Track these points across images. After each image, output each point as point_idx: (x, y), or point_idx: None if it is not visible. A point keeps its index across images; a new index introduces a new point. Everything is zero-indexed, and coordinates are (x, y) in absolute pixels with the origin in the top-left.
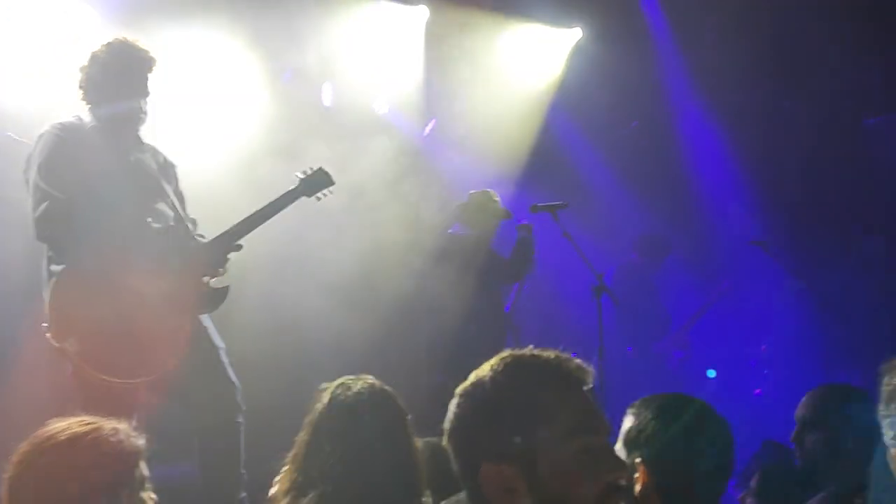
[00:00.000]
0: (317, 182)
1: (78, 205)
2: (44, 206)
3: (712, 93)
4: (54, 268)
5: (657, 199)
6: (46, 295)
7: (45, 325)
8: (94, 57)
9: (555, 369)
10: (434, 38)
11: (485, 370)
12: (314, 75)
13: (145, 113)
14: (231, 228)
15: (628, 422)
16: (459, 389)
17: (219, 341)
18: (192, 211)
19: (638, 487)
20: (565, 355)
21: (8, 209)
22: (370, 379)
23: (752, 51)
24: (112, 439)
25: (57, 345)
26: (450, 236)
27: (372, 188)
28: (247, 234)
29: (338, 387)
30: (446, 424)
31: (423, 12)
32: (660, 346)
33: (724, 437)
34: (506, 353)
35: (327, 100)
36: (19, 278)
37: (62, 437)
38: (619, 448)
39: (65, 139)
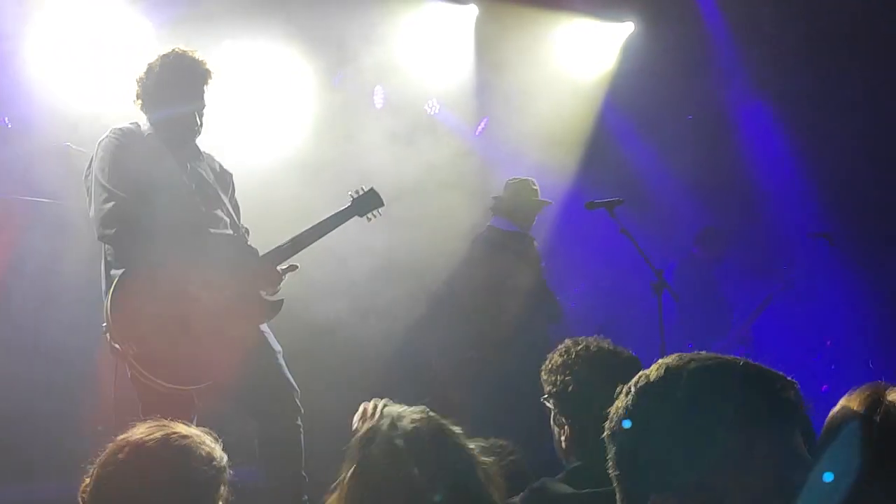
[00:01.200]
0: (368, 202)
1: (139, 208)
2: (108, 205)
3: (769, 82)
4: (114, 272)
5: (715, 192)
6: (106, 299)
7: (104, 326)
8: (150, 68)
9: (766, 387)
10: (484, 37)
11: (678, 366)
12: (365, 78)
13: (201, 124)
14: (284, 245)
15: None
16: (638, 381)
17: (276, 345)
18: (246, 215)
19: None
20: (770, 371)
21: (68, 217)
22: (422, 413)
23: (810, 38)
24: (199, 445)
25: (116, 347)
26: (493, 231)
27: (424, 189)
28: (298, 251)
29: (382, 423)
30: (613, 416)
31: (472, 11)
32: (721, 341)
33: None
34: (710, 357)
35: (378, 102)
36: (81, 284)
37: (151, 442)
38: None
39: (125, 144)
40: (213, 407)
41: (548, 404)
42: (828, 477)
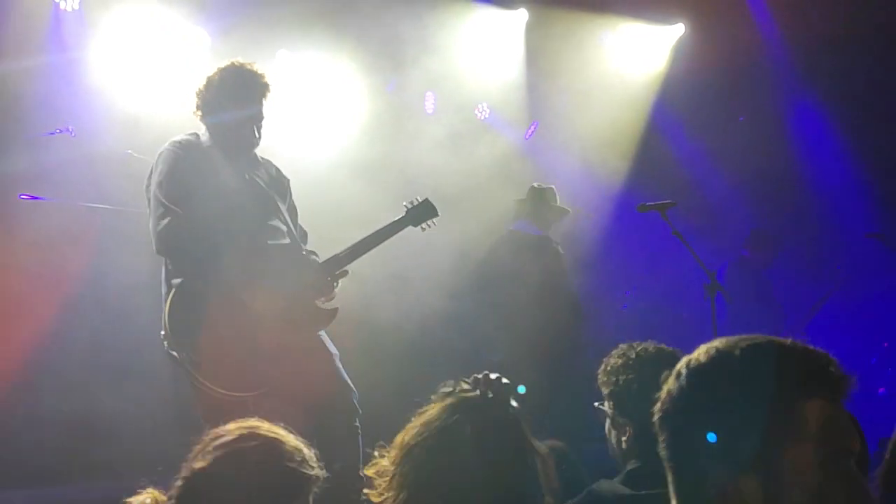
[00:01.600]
0: (423, 212)
1: (197, 220)
2: (165, 221)
3: (821, 82)
4: (174, 281)
5: (767, 193)
6: (165, 306)
7: (161, 334)
8: (209, 80)
9: (822, 368)
10: (534, 41)
11: (730, 345)
12: (417, 84)
13: (259, 136)
14: (340, 254)
15: None
16: (689, 364)
17: (333, 348)
18: (302, 217)
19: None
20: (825, 354)
21: (131, 223)
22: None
23: (862, 37)
24: (288, 445)
25: (173, 354)
26: (514, 234)
27: (474, 193)
28: (354, 260)
29: (448, 400)
30: (662, 401)
31: (522, 15)
32: None
33: None
34: (762, 336)
35: (429, 107)
36: (143, 290)
37: (241, 443)
38: None
39: (183, 156)
40: (270, 412)
41: (604, 407)
42: None
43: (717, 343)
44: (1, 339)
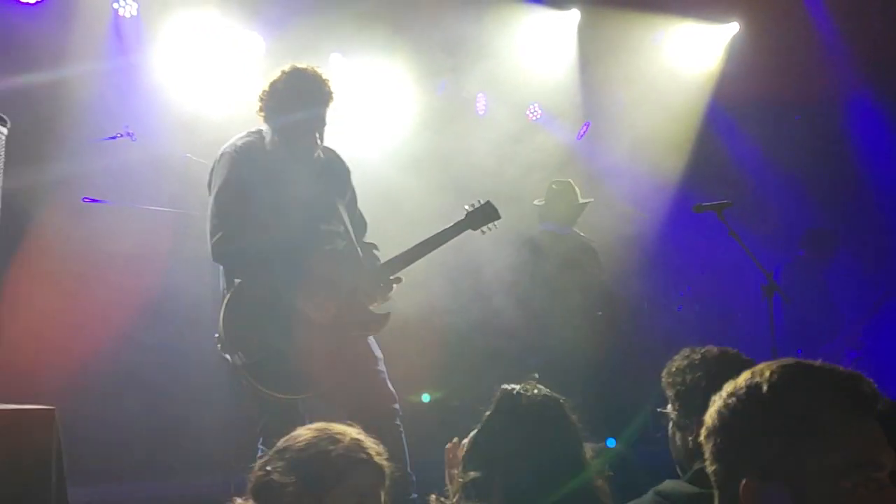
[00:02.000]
0: (483, 215)
1: (253, 230)
2: (219, 234)
3: (879, 79)
4: (233, 281)
5: (824, 192)
6: (220, 309)
7: (216, 336)
8: (273, 84)
9: (847, 388)
10: (586, 41)
11: (763, 373)
12: (468, 85)
13: (320, 141)
14: (397, 257)
15: None
16: (728, 387)
17: (378, 352)
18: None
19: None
20: (858, 374)
21: (193, 225)
22: (542, 388)
23: None
24: (358, 446)
25: (226, 357)
26: (542, 234)
27: (527, 194)
28: (412, 263)
29: (506, 393)
30: (707, 422)
31: (574, 16)
32: (831, 346)
33: None
34: (790, 359)
35: (481, 109)
36: (206, 292)
37: (306, 444)
38: None
39: (243, 163)
40: (319, 414)
41: (667, 410)
42: None
43: (755, 370)
44: (68, 339)
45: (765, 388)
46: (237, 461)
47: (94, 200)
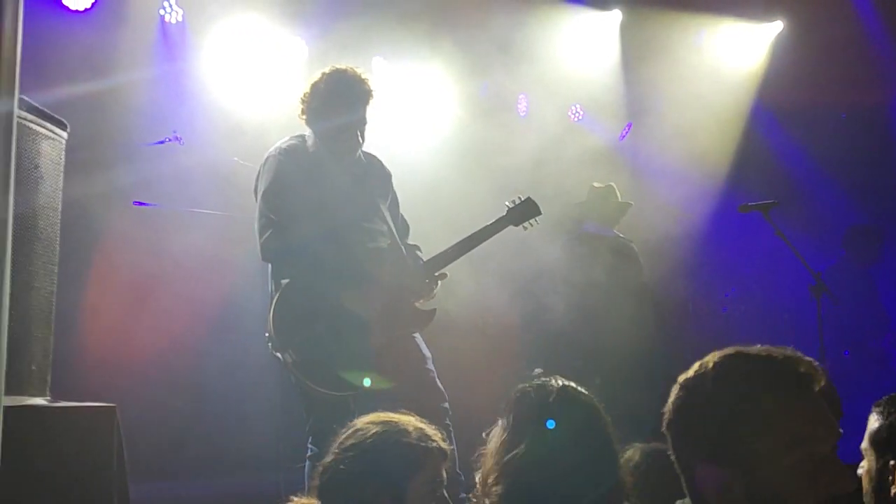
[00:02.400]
0: (525, 211)
1: (300, 228)
2: (267, 233)
3: None
4: (280, 282)
5: (871, 191)
6: (269, 308)
7: (266, 335)
8: (314, 86)
9: (784, 372)
10: (629, 41)
11: (708, 364)
12: (510, 86)
13: (362, 141)
14: (440, 254)
15: (876, 421)
16: (681, 379)
17: (426, 351)
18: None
19: (894, 490)
20: (796, 354)
21: (240, 228)
22: (564, 381)
23: None
24: (432, 434)
25: (276, 355)
26: (585, 235)
27: (568, 196)
28: (455, 260)
29: (529, 387)
30: (666, 413)
31: (616, 16)
32: (878, 344)
33: None
34: (732, 349)
35: (522, 110)
36: (254, 293)
37: (370, 433)
38: (866, 447)
39: (287, 164)
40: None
41: None
42: None
43: (702, 361)
44: (125, 340)
45: (708, 378)
46: (286, 460)
47: (143, 204)
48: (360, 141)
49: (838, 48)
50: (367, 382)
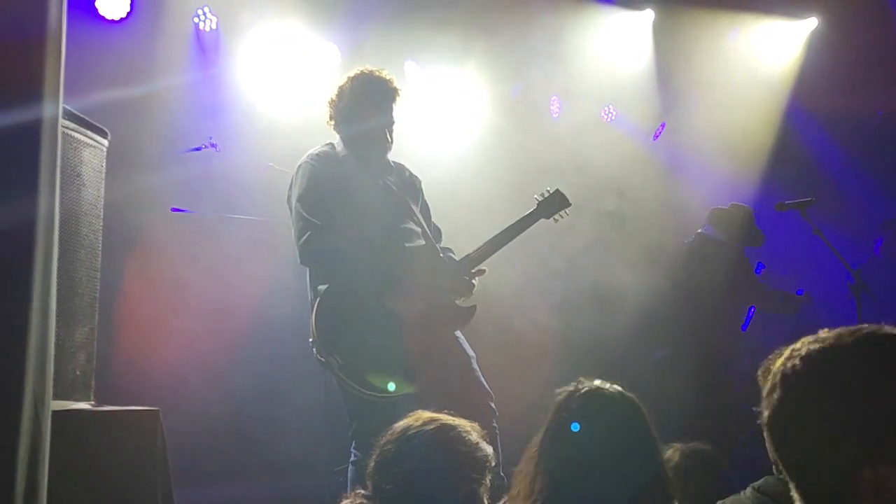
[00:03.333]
0: (554, 203)
1: (337, 230)
2: (306, 235)
3: None
4: (319, 287)
5: None
6: (312, 312)
7: (311, 340)
8: (341, 89)
9: None
10: (661, 41)
11: (833, 340)
12: (542, 88)
13: (391, 140)
14: (475, 251)
15: None
16: (781, 367)
17: (470, 351)
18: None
19: None
20: None
21: (277, 233)
22: (603, 383)
23: None
24: (468, 434)
25: (322, 360)
26: (701, 236)
27: (602, 196)
28: (490, 256)
29: (570, 391)
30: (764, 410)
31: (648, 16)
32: None
33: None
34: (864, 327)
35: (555, 111)
36: (291, 298)
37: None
38: None
39: (321, 168)
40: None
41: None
42: None
43: (819, 339)
44: (165, 344)
45: (855, 365)
46: (328, 465)
47: (181, 210)
48: (390, 141)
49: (873, 44)
50: (411, 384)
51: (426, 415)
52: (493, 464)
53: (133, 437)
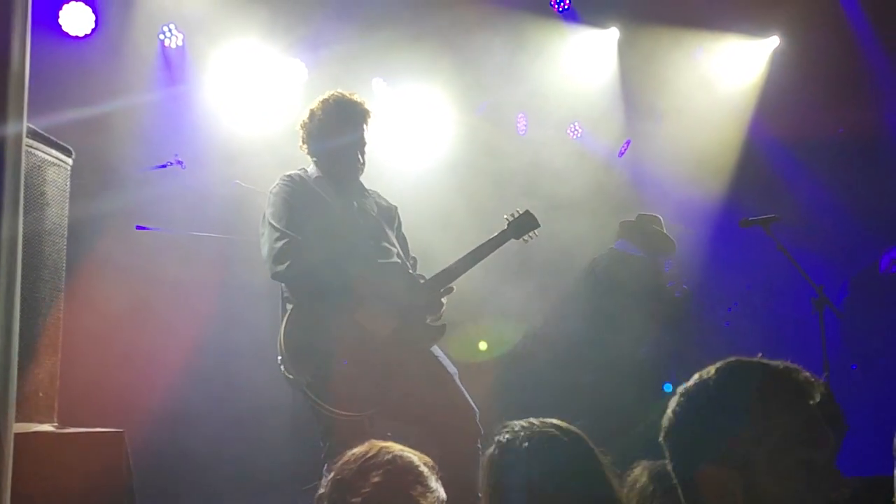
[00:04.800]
0: (524, 224)
1: (310, 245)
2: (280, 243)
3: None
4: (288, 305)
5: (871, 205)
6: (281, 329)
7: (279, 358)
8: (312, 112)
9: (782, 378)
10: (627, 59)
11: (709, 371)
12: (508, 105)
13: (363, 162)
14: (444, 271)
15: None
16: (681, 389)
17: (451, 367)
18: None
19: None
20: (794, 366)
21: (243, 250)
22: (545, 421)
23: None
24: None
25: (290, 377)
26: (614, 251)
27: (569, 213)
28: (460, 276)
29: (509, 432)
30: (664, 423)
31: (613, 34)
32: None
33: None
34: (732, 357)
35: (521, 128)
36: (257, 317)
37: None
38: None
39: (294, 189)
40: (390, 431)
41: None
42: None
43: (702, 371)
44: (125, 366)
45: (710, 384)
46: (297, 483)
47: (146, 228)
48: (362, 163)
49: (834, 63)
50: (384, 402)
51: (383, 449)
52: None
53: (97, 459)
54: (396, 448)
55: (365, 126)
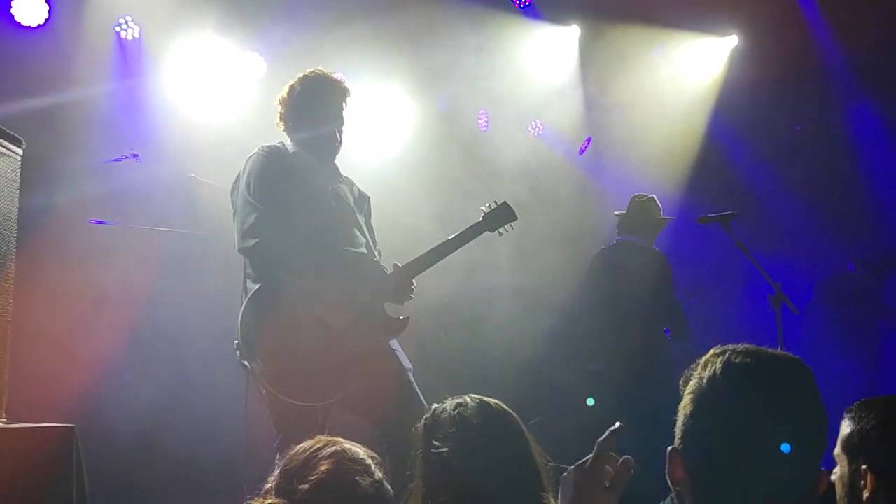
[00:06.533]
0: (501, 216)
1: (282, 220)
2: (251, 217)
3: (880, 86)
4: (250, 286)
5: (828, 201)
6: (239, 313)
7: (235, 342)
8: (291, 87)
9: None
10: (587, 56)
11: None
12: (470, 101)
13: (340, 141)
14: (416, 260)
15: (847, 427)
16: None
17: (406, 363)
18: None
19: (866, 495)
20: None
21: (199, 244)
22: (472, 397)
23: None
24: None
25: (245, 364)
26: (621, 243)
27: (531, 210)
28: (431, 266)
29: (439, 407)
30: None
31: (574, 31)
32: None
33: None
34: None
35: (483, 124)
36: (215, 308)
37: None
38: (839, 453)
39: (271, 160)
40: (342, 423)
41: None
42: None
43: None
44: (78, 360)
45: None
46: (253, 479)
47: (100, 222)
48: (339, 141)
49: (792, 61)
50: (341, 392)
51: (330, 442)
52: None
53: (47, 454)
54: (344, 442)
55: (344, 104)
